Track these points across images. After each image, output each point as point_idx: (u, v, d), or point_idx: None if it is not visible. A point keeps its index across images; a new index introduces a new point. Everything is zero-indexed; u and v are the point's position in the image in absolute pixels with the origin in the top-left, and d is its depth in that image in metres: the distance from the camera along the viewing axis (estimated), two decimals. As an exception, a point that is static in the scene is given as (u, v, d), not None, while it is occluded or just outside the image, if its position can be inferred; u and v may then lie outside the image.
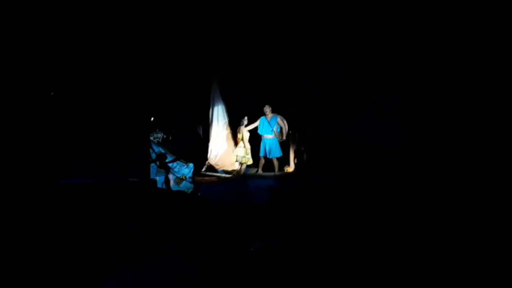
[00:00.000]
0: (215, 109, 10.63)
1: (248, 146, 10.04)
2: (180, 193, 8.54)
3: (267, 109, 9.90)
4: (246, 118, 10.08)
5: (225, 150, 10.46)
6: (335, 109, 7.81)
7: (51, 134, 8.22)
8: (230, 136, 10.45)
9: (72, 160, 8.49)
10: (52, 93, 8.51)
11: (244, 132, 10.02)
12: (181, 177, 9.35)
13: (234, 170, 10.14)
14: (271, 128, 9.86)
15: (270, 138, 9.88)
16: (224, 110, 10.54)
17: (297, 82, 9.21)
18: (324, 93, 8.35)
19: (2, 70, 7.25)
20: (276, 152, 9.85)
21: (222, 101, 10.55)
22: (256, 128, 10.03)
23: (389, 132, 6.30)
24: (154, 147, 9.62)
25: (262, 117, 9.97)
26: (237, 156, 10.09)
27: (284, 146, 9.92)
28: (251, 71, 9.98)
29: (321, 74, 8.40)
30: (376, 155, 6.09)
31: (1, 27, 7.28)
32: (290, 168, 9.80)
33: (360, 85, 7.23)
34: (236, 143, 10.30)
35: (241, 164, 10.10)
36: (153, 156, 9.42)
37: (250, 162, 10.13)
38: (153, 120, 10.00)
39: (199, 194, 8.59)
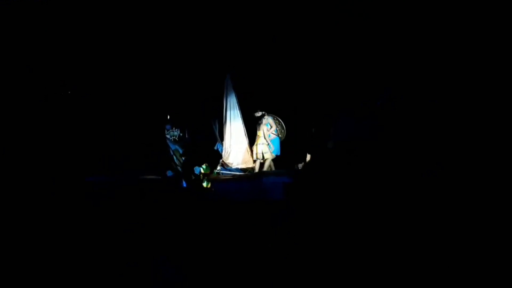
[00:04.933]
0: (229, 107, 10.69)
1: (268, 141, 10.15)
2: (195, 190, 8.73)
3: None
4: (266, 116, 10.13)
5: (239, 148, 10.54)
6: (335, 108, 7.90)
7: (71, 134, 8.47)
8: (244, 133, 10.48)
9: (91, 159, 8.74)
10: (69, 92, 8.75)
11: (265, 129, 10.10)
12: (198, 174, 9.50)
13: (248, 168, 10.25)
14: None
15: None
16: (238, 108, 10.60)
17: (300, 82, 9.34)
18: (324, 93, 8.48)
19: (30, 71, 7.55)
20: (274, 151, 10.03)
21: (235, 99, 10.61)
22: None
23: (389, 132, 6.38)
24: (170, 145, 9.78)
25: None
26: (262, 153, 10.11)
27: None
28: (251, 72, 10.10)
29: (322, 75, 8.53)
30: (376, 155, 6.19)
31: (27, 29, 7.56)
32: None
33: (360, 85, 7.34)
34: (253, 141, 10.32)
35: (264, 159, 10.15)
36: (170, 153, 9.59)
37: (273, 156, 10.18)
38: (169, 118, 10.16)
39: (213, 192, 8.73)
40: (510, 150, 5.66)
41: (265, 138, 10.07)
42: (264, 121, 10.10)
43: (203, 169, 9.59)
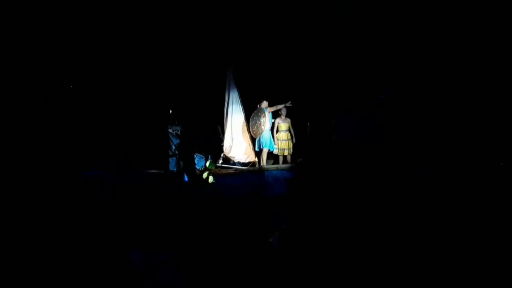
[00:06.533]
0: (230, 101, 10.63)
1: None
2: (197, 185, 8.75)
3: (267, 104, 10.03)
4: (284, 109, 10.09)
5: (241, 142, 10.47)
6: (335, 107, 7.91)
7: (71, 128, 8.51)
8: (245, 128, 10.33)
9: (91, 153, 8.81)
10: (71, 86, 8.77)
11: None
12: (200, 169, 9.51)
13: (250, 162, 10.25)
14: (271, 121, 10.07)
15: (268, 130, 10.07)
16: (239, 102, 10.45)
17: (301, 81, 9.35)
18: (325, 91, 8.51)
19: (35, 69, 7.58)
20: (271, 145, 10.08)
21: (237, 93, 10.48)
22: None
23: (389, 132, 6.39)
24: (173, 139, 9.78)
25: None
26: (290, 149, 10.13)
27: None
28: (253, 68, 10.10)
29: (322, 74, 8.55)
30: (376, 154, 6.21)
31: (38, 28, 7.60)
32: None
33: (360, 85, 7.35)
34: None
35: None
36: (173, 148, 9.60)
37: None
38: (172, 112, 10.15)
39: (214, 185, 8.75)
40: (510, 150, 5.66)
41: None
42: (284, 112, 10.07)
43: (208, 164, 9.61)
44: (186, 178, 9.03)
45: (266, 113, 9.99)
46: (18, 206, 5.92)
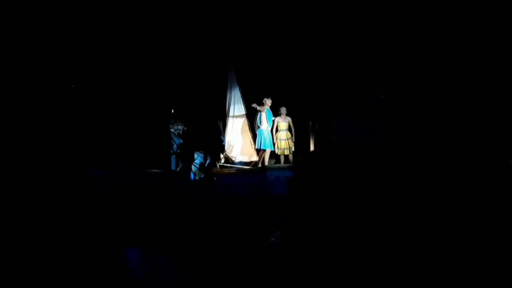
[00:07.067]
0: (232, 100, 10.64)
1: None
2: (199, 184, 8.77)
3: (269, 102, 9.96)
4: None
5: (242, 142, 10.51)
6: (336, 107, 7.90)
7: (71, 128, 8.54)
8: (247, 127, 10.38)
9: (91, 153, 8.83)
10: (73, 86, 8.80)
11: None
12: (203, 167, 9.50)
13: (252, 162, 10.25)
14: (271, 119, 10.01)
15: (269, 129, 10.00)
16: (241, 101, 10.48)
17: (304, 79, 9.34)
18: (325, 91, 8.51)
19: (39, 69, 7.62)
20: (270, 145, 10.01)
21: (239, 92, 10.52)
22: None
23: (389, 132, 6.37)
24: (175, 139, 9.79)
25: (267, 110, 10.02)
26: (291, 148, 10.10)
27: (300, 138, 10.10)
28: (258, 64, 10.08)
29: (323, 74, 8.55)
30: (376, 154, 6.18)
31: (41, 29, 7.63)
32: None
33: (360, 85, 7.33)
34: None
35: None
36: (175, 148, 9.61)
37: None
38: (174, 112, 10.17)
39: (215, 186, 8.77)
40: (510, 149, 5.63)
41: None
42: (284, 111, 10.03)
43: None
44: (192, 177, 9.05)
45: (262, 113, 9.95)
46: (18, 206, 5.94)
